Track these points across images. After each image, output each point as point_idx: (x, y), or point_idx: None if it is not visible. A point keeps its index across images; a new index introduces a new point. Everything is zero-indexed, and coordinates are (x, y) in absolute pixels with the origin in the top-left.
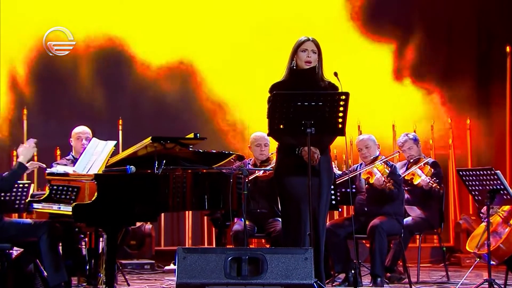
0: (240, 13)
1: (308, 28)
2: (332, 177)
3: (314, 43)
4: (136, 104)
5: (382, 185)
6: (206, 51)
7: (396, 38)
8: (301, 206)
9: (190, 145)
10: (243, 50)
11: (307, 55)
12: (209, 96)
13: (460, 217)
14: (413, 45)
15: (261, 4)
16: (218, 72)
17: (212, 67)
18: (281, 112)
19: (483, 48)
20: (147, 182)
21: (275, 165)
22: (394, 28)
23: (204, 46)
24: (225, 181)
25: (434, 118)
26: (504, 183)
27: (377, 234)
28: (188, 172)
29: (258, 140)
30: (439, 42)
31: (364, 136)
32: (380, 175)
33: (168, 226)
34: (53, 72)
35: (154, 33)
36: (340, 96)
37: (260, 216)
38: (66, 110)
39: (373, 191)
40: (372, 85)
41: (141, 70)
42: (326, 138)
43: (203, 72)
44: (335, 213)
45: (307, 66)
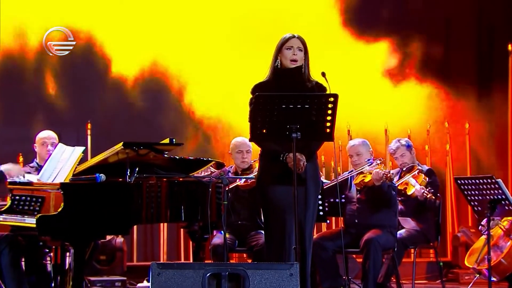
0: (220, 11)
1: (296, 26)
2: (320, 185)
3: (300, 40)
4: (106, 107)
5: (382, 178)
6: (182, 51)
7: (390, 37)
8: (285, 217)
9: (165, 152)
10: (222, 50)
11: (293, 53)
12: (186, 98)
13: (458, 230)
14: (409, 44)
15: (244, 1)
16: (196, 73)
17: (189, 68)
18: (264, 116)
19: (484, 47)
20: (118, 191)
21: (258, 173)
22: (389, 26)
23: (180, 46)
24: (203, 191)
25: (430, 122)
26: (505, 192)
27: (372, 249)
28: (163, 180)
29: (239, 146)
30: (436, 41)
31: (356, 142)
32: (378, 169)
33: (141, 239)
34: (14, 72)
35: (126, 31)
36: (328, 98)
37: (242, 229)
38: (29, 114)
39: (366, 199)
40: (364, 86)
41: (112, 70)
42: (313, 144)
43: (179, 73)
44: (322, 225)
45: (292, 65)
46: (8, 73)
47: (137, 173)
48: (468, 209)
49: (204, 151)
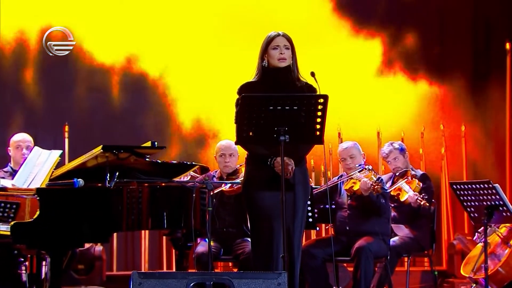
0: (205, 6)
1: (283, 23)
2: (309, 191)
3: (286, 37)
4: (84, 108)
5: (370, 189)
6: (165, 49)
7: (382, 35)
8: (273, 224)
9: (147, 155)
10: (208, 47)
11: (280, 52)
12: (169, 99)
13: (453, 237)
14: (401, 43)
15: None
16: (180, 73)
17: (173, 67)
18: (250, 117)
19: (480, 45)
20: (97, 197)
21: (244, 178)
22: (380, 23)
23: (163, 44)
24: (186, 196)
25: (425, 124)
26: (503, 198)
27: (363, 257)
28: (144, 186)
29: (222, 150)
30: (430, 39)
31: (348, 144)
32: (367, 179)
33: (122, 247)
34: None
35: (105, 28)
36: (317, 99)
37: (227, 236)
38: (3, 115)
39: (357, 205)
40: (355, 86)
41: (90, 69)
42: (302, 147)
43: (163, 73)
44: (312, 233)
45: (281, 64)
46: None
47: (117, 178)
48: (464, 216)
49: (188, 155)
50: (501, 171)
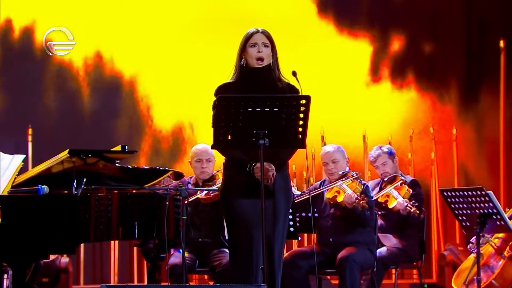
0: (182, 3)
1: (265, 20)
2: (291, 199)
3: (265, 34)
4: (49, 110)
5: (354, 203)
6: (139, 46)
7: (369, 34)
8: (252, 234)
9: (116, 160)
10: (184, 46)
11: (258, 50)
12: (143, 101)
13: (444, 248)
14: (390, 42)
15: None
16: (154, 72)
17: (146, 66)
18: (228, 120)
19: (473, 43)
20: (63, 205)
21: (221, 185)
22: (367, 23)
23: (136, 40)
24: (159, 204)
25: (414, 127)
26: (497, 206)
27: (348, 268)
28: (114, 193)
29: (199, 154)
30: (421, 38)
31: (331, 148)
32: (352, 192)
33: (89, 259)
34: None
35: (72, 22)
36: (299, 100)
37: (203, 247)
38: None
39: (340, 215)
40: (339, 87)
41: (56, 68)
42: (283, 152)
43: (135, 72)
44: (293, 243)
45: (259, 64)
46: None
47: (84, 185)
48: (455, 225)
49: (162, 160)
50: (495, 177)
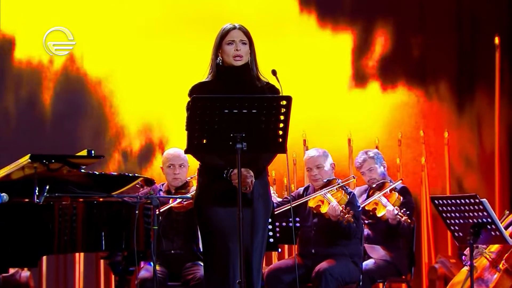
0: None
1: (242, 16)
2: (270, 207)
3: (242, 30)
4: (8, 111)
5: (338, 216)
6: (105, 41)
7: (354, 31)
8: (229, 245)
9: (82, 166)
10: (156, 43)
11: (235, 48)
12: (110, 101)
13: (435, 260)
14: (377, 38)
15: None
16: (123, 69)
17: (114, 62)
18: (202, 122)
19: (465, 39)
20: (24, 214)
21: (196, 192)
22: (351, 18)
23: (102, 34)
24: (128, 213)
25: (402, 130)
26: (491, 215)
27: (323, 282)
28: (79, 201)
29: (171, 160)
30: (409, 33)
31: (315, 152)
32: (336, 203)
33: (52, 273)
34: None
35: (32, 13)
36: (280, 101)
37: (175, 259)
38: None
39: (323, 225)
40: (322, 87)
41: (13, 64)
42: (262, 157)
43: (101, 68)
44: (273, 255)
45: (237, 62)
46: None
47: (47, 192)
48: (447, 235)
49: (132, 166)
50: (490, 184)
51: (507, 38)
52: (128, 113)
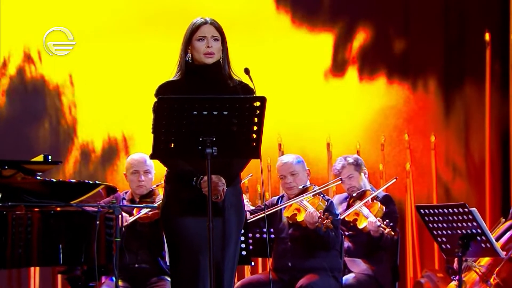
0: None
1: (213, 9)
2: (243, 217)
3: (214, 25)
4: None
5: (316, 223)
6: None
7: (332, 28)
8: (199, 258)
9: (38, 172)
10: (119, 40)
11: (207, 45)
12: (69, 103)
13: (421, 274)
14: (357, 35)
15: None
16: (83, 68)
17: (73, 61)
18: (169, 125)
19: (453, 36)
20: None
21: (163, 201)
22: (330, 14)
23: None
24: (88, 224)
25: (385, 134)
26: (481, 225)
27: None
28: (34, 211)
29: (135, 166)
30: (393, 30)
31: (289, 158)
32: (314, 209)
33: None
34: None
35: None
36: (253, 102)
37: (139, 274)
38: None
39: (300, 236)
40: (299, 88)
41: None
42: (234, 162)
43: (59, 67)
44: (246, 269)
45: (208, 59)
46: None
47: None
48: (433, 247)
49: (93, 173)
50: (480, 192)
51: (498, 35)
52: (88, 115)
